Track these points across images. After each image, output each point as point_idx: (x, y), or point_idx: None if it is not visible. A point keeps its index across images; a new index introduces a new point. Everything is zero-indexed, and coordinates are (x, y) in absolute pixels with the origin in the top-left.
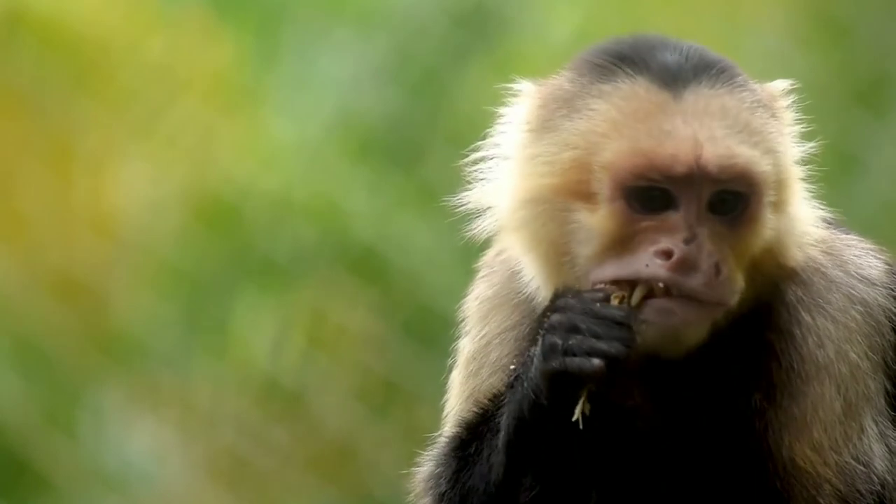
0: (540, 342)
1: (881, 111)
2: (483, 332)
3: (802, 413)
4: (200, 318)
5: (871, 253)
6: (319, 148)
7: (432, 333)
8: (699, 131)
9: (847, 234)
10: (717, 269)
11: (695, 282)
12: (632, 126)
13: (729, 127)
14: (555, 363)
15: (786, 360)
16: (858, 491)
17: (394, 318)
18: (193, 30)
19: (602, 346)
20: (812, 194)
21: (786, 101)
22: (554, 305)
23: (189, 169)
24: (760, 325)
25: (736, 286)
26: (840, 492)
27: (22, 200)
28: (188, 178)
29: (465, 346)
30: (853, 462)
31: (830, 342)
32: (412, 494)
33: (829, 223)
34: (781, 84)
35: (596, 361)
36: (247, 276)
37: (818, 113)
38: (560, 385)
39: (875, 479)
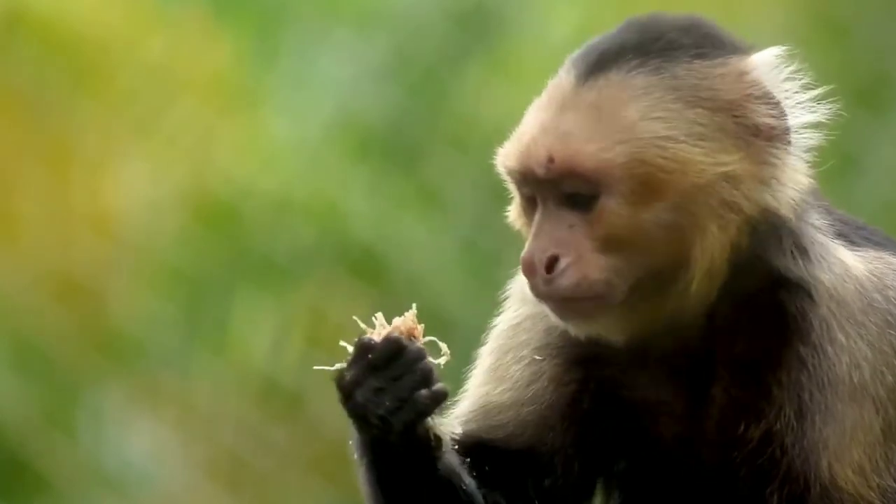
0: (353, 414)
1: (881, 111)
2: (518, 312)
3: (841, 435)
4: (200, 318)
5: None
6: (319, 148)
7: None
8: (545, 128)
9: None
10: (553, 263)
11: (535, 282)
12: (526, 122)
13: (583, 121)
14: (389, 423)
15: (817, 376)
16: None
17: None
18: (193, 30)
19: (408, 384)
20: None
21: (762, 72)
22: (348, 366)
23: (189, 169)
24: (794, 334)
25: (589, 277)
26: None
27: (21, 201)
28: (188, 178)
29: (500, 322)
30: (895, 485)
31: (867, 364)
32: None
33: (881, 243)
34: (764, 54)
35: (423, 393)
36: (246, 276)
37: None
38: (408, 435)
39: None
